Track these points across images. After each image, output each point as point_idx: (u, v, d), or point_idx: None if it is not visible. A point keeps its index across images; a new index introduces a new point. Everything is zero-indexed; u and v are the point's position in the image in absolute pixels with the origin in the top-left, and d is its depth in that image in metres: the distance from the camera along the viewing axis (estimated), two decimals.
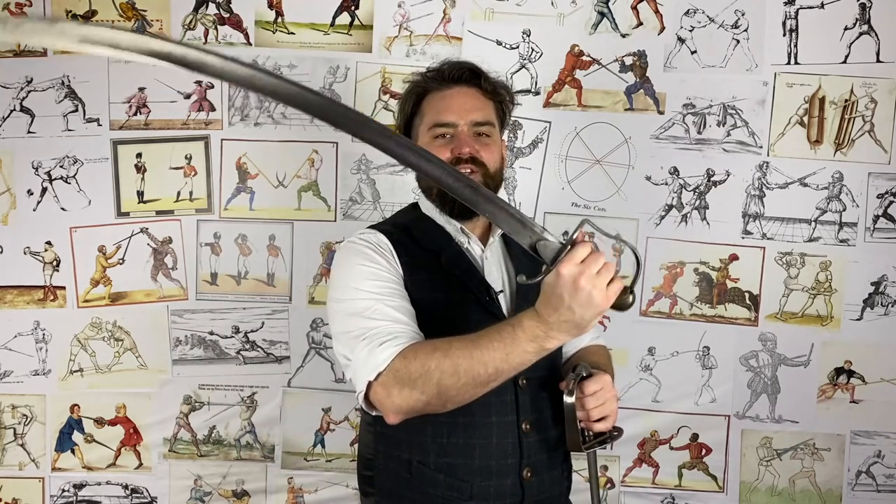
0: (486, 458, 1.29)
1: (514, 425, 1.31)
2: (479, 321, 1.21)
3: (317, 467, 2.22)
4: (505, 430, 1.30)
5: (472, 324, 1.22)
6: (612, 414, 1.32)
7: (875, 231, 2.12)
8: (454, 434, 1.29)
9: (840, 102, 2.09)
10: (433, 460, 1.31)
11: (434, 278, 1.33)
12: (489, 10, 2.11)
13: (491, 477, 1.30)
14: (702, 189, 2.13)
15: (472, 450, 1.30)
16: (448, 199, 1.34)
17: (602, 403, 1.30)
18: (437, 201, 1.39)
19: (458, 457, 1.30)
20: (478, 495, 1.29)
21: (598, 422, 1.31)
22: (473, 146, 1.35)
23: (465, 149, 1.34)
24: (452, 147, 1.35)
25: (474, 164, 1.33)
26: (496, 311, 1.32)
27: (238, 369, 2.18)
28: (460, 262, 1.35)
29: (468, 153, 1.34)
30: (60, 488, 2.20)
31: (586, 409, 1.30)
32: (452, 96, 1.38)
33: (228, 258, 2.17)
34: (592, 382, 1.30)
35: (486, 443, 1.30)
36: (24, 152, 2.12)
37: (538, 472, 1.33)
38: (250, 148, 2.15)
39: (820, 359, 2.15)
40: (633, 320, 2.14)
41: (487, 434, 1.30)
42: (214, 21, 2.11)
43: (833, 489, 2.19)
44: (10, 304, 2.15)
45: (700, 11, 2.09)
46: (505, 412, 1.30)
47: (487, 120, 1.39)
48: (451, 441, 1.30)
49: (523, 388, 1.31)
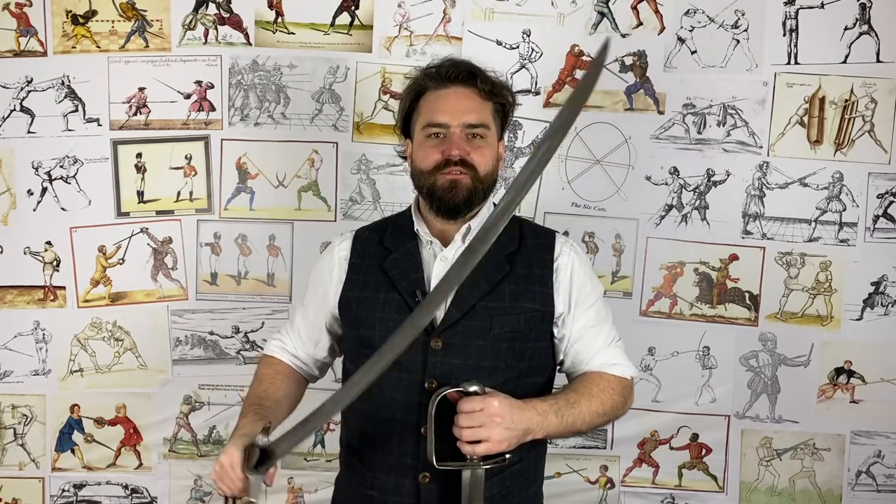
0: (386, 453, 1.34)
1: (415, 427, 1.30)
2: (399, 321, 1.21)
3: (317, 467, 2.22)
4: (406, 429, 1.32)
5: (392, 323, 1.28)
6: (490, 440, 1.19)
7: (875, 231, 2.12)
8: (368, 424, 1.36)
9: (840, 102, 2.09)
10: (355, 445, 1.41)
11: (370, 278, 1.39)
12: (489, 10, 2.11)
13: (390, 473, 1.33)
14: (702, 189, 2.13)
15: (377, 442, 1.35)
16: (436, 198, 1.35)
17: (476, 426, 1.19)
18: (425, 198, 1.39)
19: (366, 446, 1.37)
20: (378, 487, 1.35)
21: (471, 444, 1.20)
22: (464, 148, 1.34)
23: (455, 151, 1.33)
24: (443, 149, 1.34)
25: (464, 167, 1.33)
26: None
27: (238, 369, 2.18)
28: (402, 263, 1.37)
29: (457, 156, 1.33)
30: (60, 488, 2.20)
31: (456, 426, 1.21)
32: (448, 97, 1.37)
33: (228, 258, 2.17)
34: (470, 402, 1.20)
35: (388, 438, 1.33)
36: (24, 152, 2.12)
37: (438, 481, 1.30)
38: (250, 148, 2.14)
39: (820, 359, 2.15)
40: (633, 320, 2.14)
41: (390, 430, 1.33)
42: (214, 21, 2.11)
43: (833, 489, 2.19)
44: (10, 304, 2.15)
45: (700, 11, 2.09)
46: (408, 412, 1.31)
47: (481, 122, 1.37)
48: (365, 430, 1.37)
49: (430, 390, 1.28)
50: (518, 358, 1.34)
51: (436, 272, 1.36)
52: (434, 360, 1.30)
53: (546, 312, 1.36)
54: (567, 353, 1.40)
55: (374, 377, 1.13)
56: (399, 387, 1.31)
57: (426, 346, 1.30)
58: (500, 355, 1.32)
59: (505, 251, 1.36)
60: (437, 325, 1.31)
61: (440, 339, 1.30)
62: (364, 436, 1.38)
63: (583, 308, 1.39)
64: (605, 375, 1.39)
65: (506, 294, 1.34)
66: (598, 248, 2.14)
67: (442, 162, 1.33)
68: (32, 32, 2.09)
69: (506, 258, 1.36)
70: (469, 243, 1.14)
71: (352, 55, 2.12)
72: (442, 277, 1.15)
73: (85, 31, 2.10)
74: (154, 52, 2.10)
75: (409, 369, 1.30)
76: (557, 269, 1.37)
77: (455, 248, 1.37)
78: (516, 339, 1.33)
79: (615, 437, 2.19)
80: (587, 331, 1.39)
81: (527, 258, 1.37)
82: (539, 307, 1.35)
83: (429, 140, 1.37)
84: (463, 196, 1.33)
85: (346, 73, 2.12)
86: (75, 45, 2.10)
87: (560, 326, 1.39)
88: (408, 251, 1.39)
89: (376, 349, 1.30)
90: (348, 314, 1.40)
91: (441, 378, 1.29)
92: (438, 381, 1.29)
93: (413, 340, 1.13)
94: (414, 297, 1.32)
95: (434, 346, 1.30)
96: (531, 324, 1.35)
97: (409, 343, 1.12)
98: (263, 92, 2.13)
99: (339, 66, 2.12)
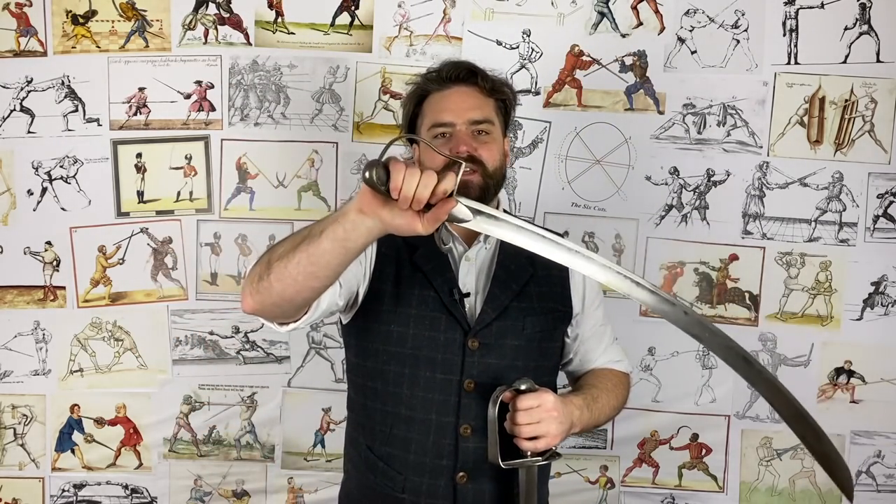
0: (421, 454, 1.32)
1: (453, 427, 1.31)
2: (436, 319, 1.28)
3: (317, 467, 2.22)
4: (443, 430, 1.31)
5: (429, 321, 1.30)
6: (548, 436, 1.22)
7: (875, 231, 2.12)
8: (396, 425, 1.33)
9: (840, 102, 2.09)
10: (378, 448, 1.37)
11: (401, 272, 1.36)
12: (489, 10, 2.10)
13: (424, 474, 1.32)
14: (702, 189, 2.13)
15: (409, 444, 1.33)
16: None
17: (535, 422, 1.22)
18: None
19: (396, 448, 1.34)
20: (410, 490, 1.33)
21: (530, 440, 1.23)
22: (471, 144, 1.35)
23: (463, 147, 1.34)
24: (450, 146, 1.35)
25: (473, 163, 1.33)
26: (457, 312, 1.32)
27: (238, 369, 2.18)
28: (432, 260, 1.36)
29: (466, 152, 1.34)
30: (60, 488, 2.20)
31: (516, 424, 1.22)
32: (450, 96, 1.39)
33: (228, 258, 2.17)
34: (528, 398, 1.22)
35: (422, 439, 1.32)
36: (24, 152, 2.11)
37: (475, 480, 1.31)
38: (250, 148, 2.14)
39: (820, 359, 2.14)
40: (633, 320, 2.13)
41: (425, 431, 1.32)
42: (214, 21, 2.11)
43: (833, 489, 2.18)
44: (10, 304, 2.15)
45: (700, 11, 2.09)
46: (445, 412, 1.31)
47: (486, 118, 1.39)
48: (392, 432, 1.34)
49: (468, 390, 1.30)
50: (544, 357, 1.38)
51: (462, 272, 1.36)
52: (471, 360, 1.31)
53: (566, 313, 1.41)
54: (577, 351, 1.45)
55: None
56: (434, 387, 1.31)
57: (463, 346, 1.31)
58: (531, 355, 1.35)
59: (525, 252, 1.37)
60: (472, 326, 1.32)
61: (476, 340, 1.31)
62: (392, 438, 1.35)
63: (593, 308, 1.45)
64: (615, 371, 1.46)
65: (533, 295, 1.37)
66: (598, 248, 2.14)
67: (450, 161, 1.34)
68: (32, 32, 2.09)
69: (527, 259, 1.36)
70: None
71: (352, 55, 2.12)
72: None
73: (85, 31, 2.10)
74: (154, 52, 2.10)
75: (447, 370, 1.31)
76: (572, 270, 1.39)
77: (477, 249, 1.39)
78: (544, 338, 1.37)
79: (615, 437, 2.19)
80: (597, 330, 1.46)
81: (545, 260, 1.38)
82: (561, 307, 1.40)
83: (436, 140, 1.38)
84: (475, 195, 1.32)
85: (346, 73, 2.12)
86: (75, 45, 2.10)
87: (574, 326, 1.43)
88: (435, 249, 1.37)
89: (409, 347, 1.30)
90: (377, 307, 1.36)
91: (478, 378, 1.30)
92: (476, 381, 1.30)
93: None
94: (451, 295, 1.32)
95: (471, 346, 1.31)
96: (556, 324, 1.40)
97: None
98: (263, 92, 2.13)
99: (339, 66, 2.12)
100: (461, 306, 1.33)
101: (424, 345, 1.32)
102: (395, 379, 1.34)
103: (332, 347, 2.17)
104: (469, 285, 1.36)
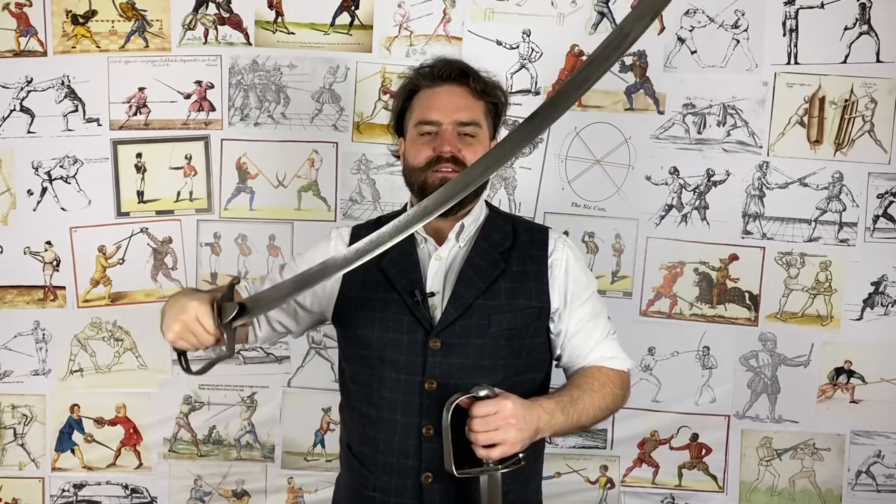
0: (388, 454, 1.33)
1: (416, 428, 1.30)
2: (399, 321, 1.29)
3: (317, 467, 2.22)
4: (407, 430, 1.31)
5: (392, 323, 1.31)
6: (505, 443, 1.17)
7: (875, 231, 2.12)
8: (367, 425, 1.36)
9: (840, 102, 2.09)
10: (355, 447, 1.40)
11: (367, 277, 1.37)
12: (489, 10, 2.11)
13: (392, 474, 1.33)
14: (702, 189, 2.13)
15: (378, 444, 1.34)
16: (427, 195, 1.31)
17: (492, 430, 1.17)
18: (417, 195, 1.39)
19: (368, 448, 1.36)
20: (380, 489, 1.34)
21: (487, 448, 1.18)
22: (455, 145, 1.34)
23: (446, 147, 1.34)
24: (435, 145, 1.35)
25: (455, 164, 1.33)
26: (419, 312, 1.32)
27: (238, 369, 2.18)
28: (400, 262, 1.37)
29: (448, 152, 1.33)
30: (60, 488, 2.20)
31: (472, 431, 1.18)
32: (440, 94, 1.38)
33: (228, 258, 2.17)
34: (484, 405, 1.18)
35: (389, 439, 1.33)
36: (24, 152, 2.12)
37: (442, 481, 1.29)
38: (250, 148, 2.15)
39: (820, 359, 2.15)
40: (634, 320, 2.14)
41: (391, 431, 1.33)
42: (214, 21, 2.11)
43: (833, 489, 2.19)
44: (10, 304, 2.15)
45: (700, 11, 2.09)
46: (409, 413, 1.31)
47: (473, 120, 1.38)
48: (365, 432, 1.37)
49: (430, 391, 1.29)
50: (516, 355, 1.34)
51: (431, 271, 1.36)
52: (433, 360, 1.30)
53: (542, 308, 1.36)
54: (564, 348, 1.40)
55: (374, 250, 1.13)
56: (399, 388, 1.31)
57: (425, 346, 1.30)
58: (498, 353, 1.32)
59: (499, 248, 1.37)
60: (434, 326, 1.31)
61: (438, 340, 1.30)
62: (365, 437, 1.37)
63: (578, 303, 1.39)
64: (604, 369, 1.39)
65: (502, 292, 1.34)
66: (598, 248, 2.14)
67: (433, 158, 1.34)
68: (32, 32, 2.09)
69: (500, 256, 1.36)
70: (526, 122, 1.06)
71: (352, 55, 2.12)
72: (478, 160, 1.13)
73: (85, 31, 2.10)
74: (154, 52, 2.10)
75: (409, 370, 1.30)
76: (552, 264, 1.37)
77: (449, 247, 1.37)
78: (514, 336, 1.33)
79: (615, 437, 2.20)
80: (583, 325, 1.39)
81: (521, 255, 1.37)
82: (535, 303, 1.35)
83: (421, 137, 1.37)
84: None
85: (346, 73, 2.12)
86: (75, 45, 2.10)
87: (556, 322, 1.39)
88: (405, 250, 1.37)
89: (374, 349, 1.31)
90: (346, 313, 1.40)
91: (441, 378, 1.29)
92: (438, 382, 1.29)
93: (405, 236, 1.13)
94: (413, 296, 1.32)
95: (433, 346, 1.30)
96: (528, 320, 1.35)
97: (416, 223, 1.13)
98: (263, 92, 2.13)
99: (339, 66, 2.12)
100: (423, 307, 1.32)
101: (388, 346, 1.32)
102: (366, 380, 1.36)
103: (331, 347, 2.17)
104: (436, 285, 1.36)
